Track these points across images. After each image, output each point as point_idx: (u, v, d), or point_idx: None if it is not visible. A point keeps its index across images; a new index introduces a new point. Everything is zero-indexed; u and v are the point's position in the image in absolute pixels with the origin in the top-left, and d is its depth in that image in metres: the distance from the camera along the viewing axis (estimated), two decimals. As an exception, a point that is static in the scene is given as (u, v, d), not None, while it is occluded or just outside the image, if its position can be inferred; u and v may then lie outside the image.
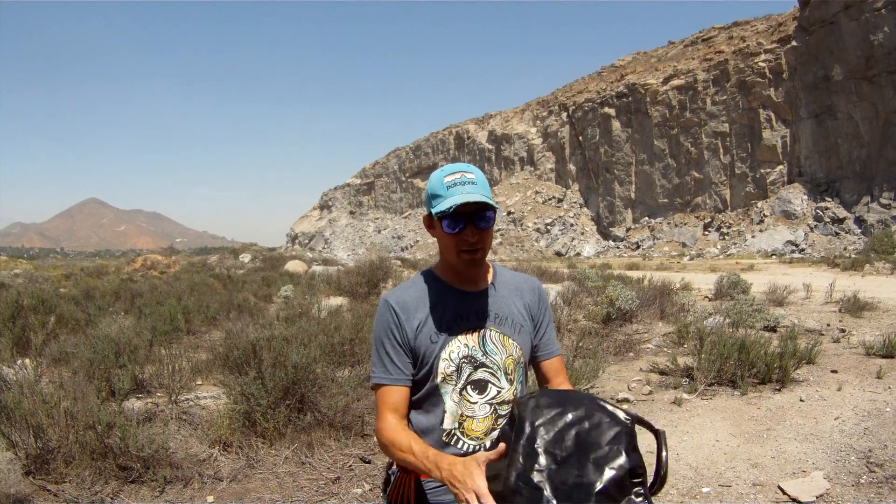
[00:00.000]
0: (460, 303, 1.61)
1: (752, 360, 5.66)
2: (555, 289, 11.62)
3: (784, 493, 3.49)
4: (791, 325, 8.75)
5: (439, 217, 1.51)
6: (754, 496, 3.51)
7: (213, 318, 8.83)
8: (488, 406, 1.58)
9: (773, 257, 33.57)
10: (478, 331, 1.59)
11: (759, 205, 43.01)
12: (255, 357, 4.74)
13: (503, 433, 1.31)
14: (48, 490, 3.38)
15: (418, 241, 65.28)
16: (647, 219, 51.22)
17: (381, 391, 1.56)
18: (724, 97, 45.92)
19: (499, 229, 53.33)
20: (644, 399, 5.45)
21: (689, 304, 10.38)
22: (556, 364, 1.74)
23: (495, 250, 48.59)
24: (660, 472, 1.26)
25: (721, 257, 36.87)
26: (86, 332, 6.41)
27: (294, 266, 22.20)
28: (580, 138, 58.53)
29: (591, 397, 1.30)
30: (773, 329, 8.48)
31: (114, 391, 4.65)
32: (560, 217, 55.54)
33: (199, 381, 5.66)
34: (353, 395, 4.57)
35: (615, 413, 1.26)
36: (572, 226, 55.11)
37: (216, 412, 4.35)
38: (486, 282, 1.67)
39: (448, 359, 1.55)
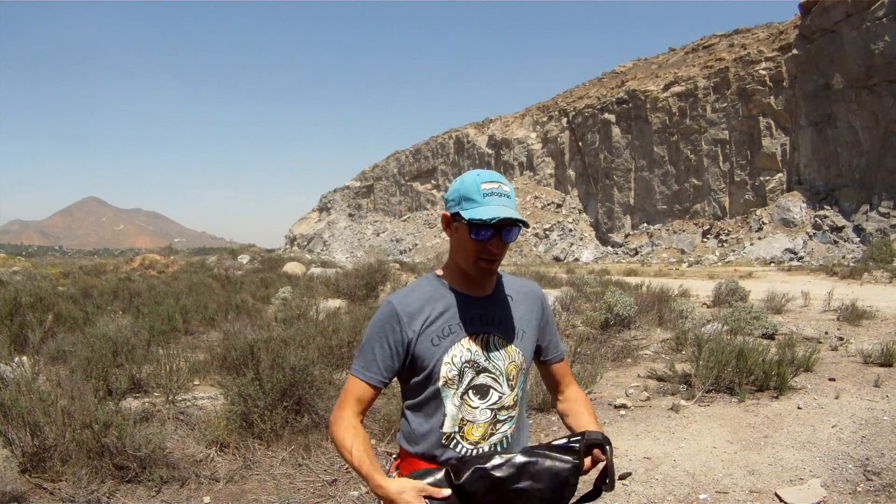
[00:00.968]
0: (465, 307, 1.61)
1: (749, 367, 5.66)
2: (553, 294, 11.63)
3: (781, 500, 3.49)
4: (789, 333, 8.75)
5: (472, 223, 1.51)
6: (751, 503, 3.51)
7: (211, 318, 8.82)
8: (489, 411, 1.59)
9: (772, 265, 33.56)
10: (481, 336, 1.60)
11: (758, 212, 43.07)
12: (253, 358, 4.73)
13: (439, 483, 1.43)
14: (44, 488, 3.38)
15: (417, 245, 65.26)
16: (645, 225, 51.28)
17: (352, 381, 1.58)
18: (725, 104, 46.04)
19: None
20: (641, 405, 5.44)
21: (688, 311, 10.38)
22: (563, 367, 1.81)
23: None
24: (606, 476, 1.48)
25: (719, 264, 36.87)
26: (83, 331, 6.39)
27: (292, 268, 22.18)
28: (580, 144, 58.63)
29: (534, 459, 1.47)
30: (772, 336, 8.49)
31: (111, 390, 4.65)
32: (559, 222, 55.57)
33: (197, 382, 5.65)
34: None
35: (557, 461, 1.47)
36: (571, 231, 55.16)
37: (213, 413, 4.34)
38: (491, 287, 1.68)
39: (450, 363, 1.56)
